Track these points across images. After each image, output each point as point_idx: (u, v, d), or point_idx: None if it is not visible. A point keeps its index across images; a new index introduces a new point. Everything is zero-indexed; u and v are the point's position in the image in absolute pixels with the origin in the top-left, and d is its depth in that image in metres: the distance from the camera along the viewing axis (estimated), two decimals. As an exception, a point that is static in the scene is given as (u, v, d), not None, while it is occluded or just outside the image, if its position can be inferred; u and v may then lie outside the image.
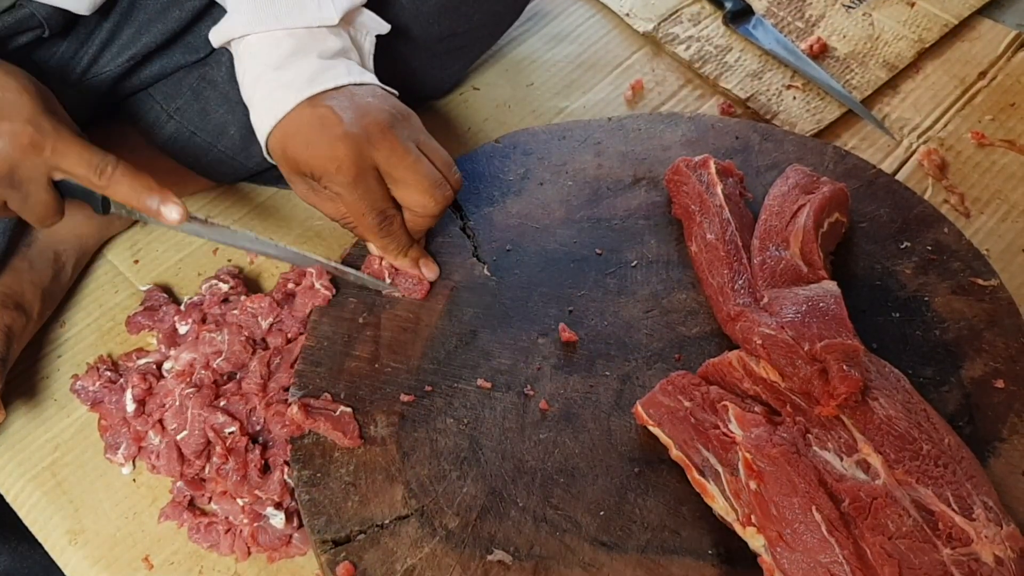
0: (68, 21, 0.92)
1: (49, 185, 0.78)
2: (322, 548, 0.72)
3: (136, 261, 1.06)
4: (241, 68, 0.87)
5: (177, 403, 0.89)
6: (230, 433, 0.87)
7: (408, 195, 0.82)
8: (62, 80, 0.95)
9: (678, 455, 0.73)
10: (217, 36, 0.88)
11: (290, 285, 0.95)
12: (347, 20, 0.87)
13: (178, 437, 0.87)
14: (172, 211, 0.78)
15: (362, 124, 0.81)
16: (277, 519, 0.84)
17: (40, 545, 0.88)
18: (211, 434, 0.86)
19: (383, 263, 0.88)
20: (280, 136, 0.83)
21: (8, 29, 0.87)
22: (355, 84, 0.84)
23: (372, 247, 0.88)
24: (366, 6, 0.89)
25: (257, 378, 0.89)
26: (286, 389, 0.88)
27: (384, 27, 0.91)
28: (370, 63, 0.91)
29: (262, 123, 0.84)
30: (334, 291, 0.87)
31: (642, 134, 0.98)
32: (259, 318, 0.94)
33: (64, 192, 0.79)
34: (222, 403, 0.90)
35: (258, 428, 0.89)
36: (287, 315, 0.95)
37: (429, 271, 0.87)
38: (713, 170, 0.88)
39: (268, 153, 0.87)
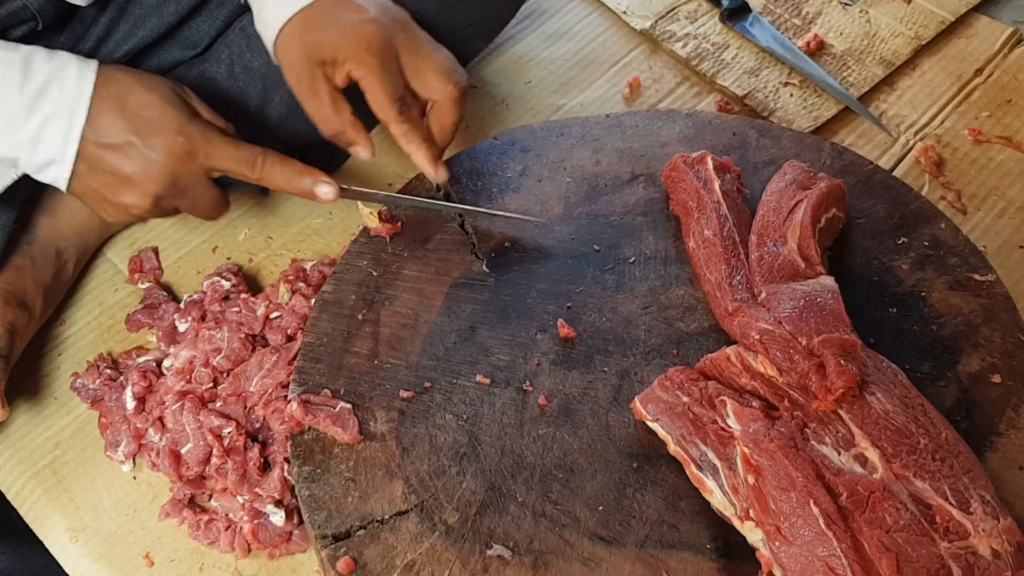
0: (62, 14, 0.92)
1: (210, 183, 0.84)
2: (322, 544, 0.72)
3: (135, 259, 1.06)
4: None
5: (172, 410, 0.89)
6: (228, 433, 0.87)
7: (428, 80, 0.85)
8: None
9: (676, 450, 0.73)
10: None
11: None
12: None
13: (182, 451, 0.88)
14: (326, 189, 0.84)
15: (387, 13, 0.84)
16: (277, 517, 0.84)
17: (40, 544, 0.89)
18: (209, 437, 0.87)
19: None
20: (300, 23, 0.84)
21: (1, 22, 0.87)
22: None
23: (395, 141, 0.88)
24: None
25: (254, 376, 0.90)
26: (285, 386, 0.89)
27: None
28: None
29: (279, 11, 0.85)
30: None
31: (639, 131, 0.99)
32: (257, 312, 0.95)
33: (227, 184, 0.87)
34: (218, 404, 0.90)
35: (257, 426, 0.89)
36: (287, 312, 0.95)
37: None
38: (710, 166, 0.88)
39: (274, 49, 0.87)
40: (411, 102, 0.86)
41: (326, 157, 1.12)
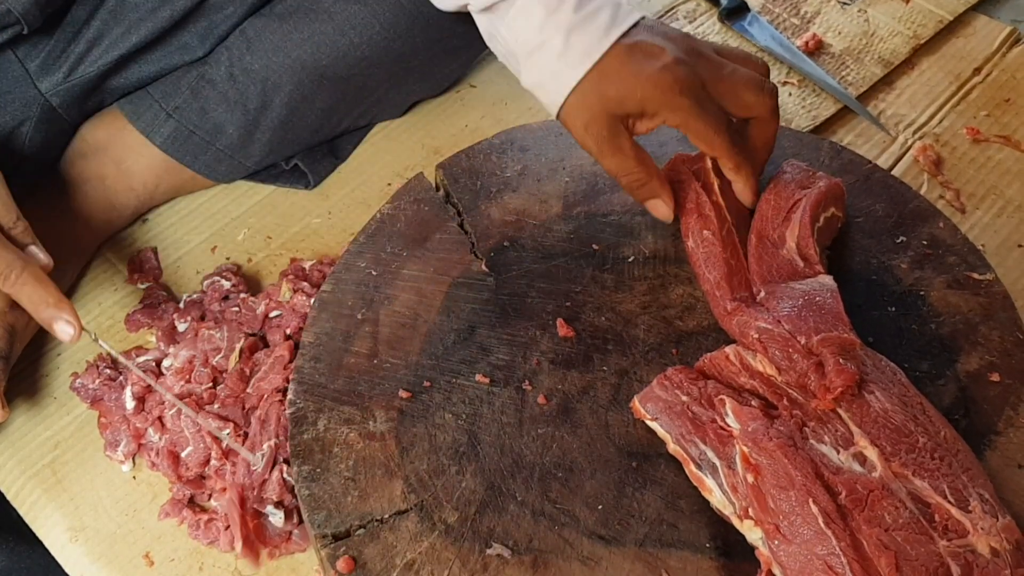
0: (48, 18, 0.92)
1: None
2: (322, 543, 0.72)
3: (135, 259, 1.06)
4: (512, 27, 0.83)
5: (170, 415, 0.89)
6: (226, 435, 0.88)
7: (742, 98, 0.81)
8: (48, 76, 0.95)
9: (675, 449, 0.73)
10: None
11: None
12: None
13: (182, 455, 0.88)
14: (66, 329, 0.80)
15: (680, 46, 0.80)
16: (277, 517, 0.84)
17: (38, 544, 0.89)
18: (208, 439, 0.87)
19: None
20: (595, 80, 0.80)
21: None
22: (641, 17, 0.83)
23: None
24: None
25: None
26: (284, 389, 0.89)
27: None
28: None
29: (568, 73, 0.81)
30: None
31: (639, 131, 0.99)
32: (257, 310, 0.95)
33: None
34: (216, 407, 0.90)
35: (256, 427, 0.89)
36: (288, 310, 0.95)
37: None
38: (710, 166, 0.89)
39: (561, 111, 0.83)
40: (734, 128, 0.83)
41: (325, 159, 1.13)
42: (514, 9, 0.82)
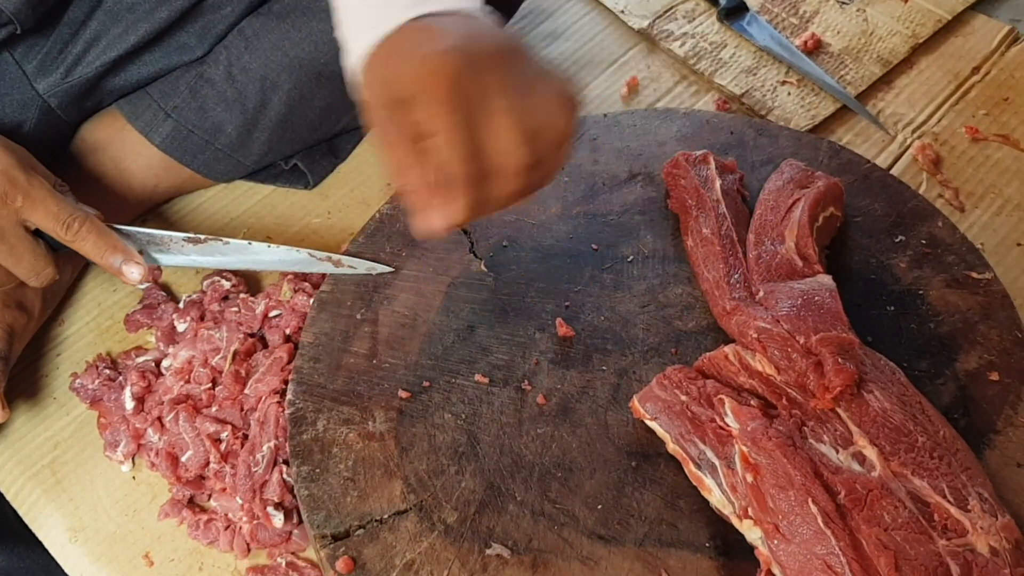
0: (41, 18, 0.92)
1: (27, 234, 0.81)
2: (321, 543, 0.72)
3: (134, 259, 1.06)
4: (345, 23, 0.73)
5: (168, 420, 0.89)
6: (224, 437, 0.88)
7: (494, 134, 0.63)
8: (46, 77, 0.95)
9: (675, 449, 0.73)
10: None
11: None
12: None
13: (182, 458, 0.88)
14: (134, 272, 0.83)
15: (472, 44, 0.64)
16: (276, 518, 0.84)
17: (37, 545, 0.89)
18: (207, 442, 0.87)
19: None
20: (380, 57, 0.67)
21: None
22: (466, 10, 0.69)
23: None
24: None
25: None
26: (283, 390, 0.89)
27: None
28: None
29: (362, 40, 0.69)
30: None
31: (638, 130, 0.99)
32: (256, 310, 0.95)
33: (54, 246, 0.83)
34: (214, 409, 0.90)
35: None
36: (288, 310, 0.95)
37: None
38: (713, 166, 0.89)
39: (359, 87, 0.70)
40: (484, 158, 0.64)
41: (324, 159, 1.13)
42: None
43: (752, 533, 0.69)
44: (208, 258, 0.88)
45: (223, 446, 0.87)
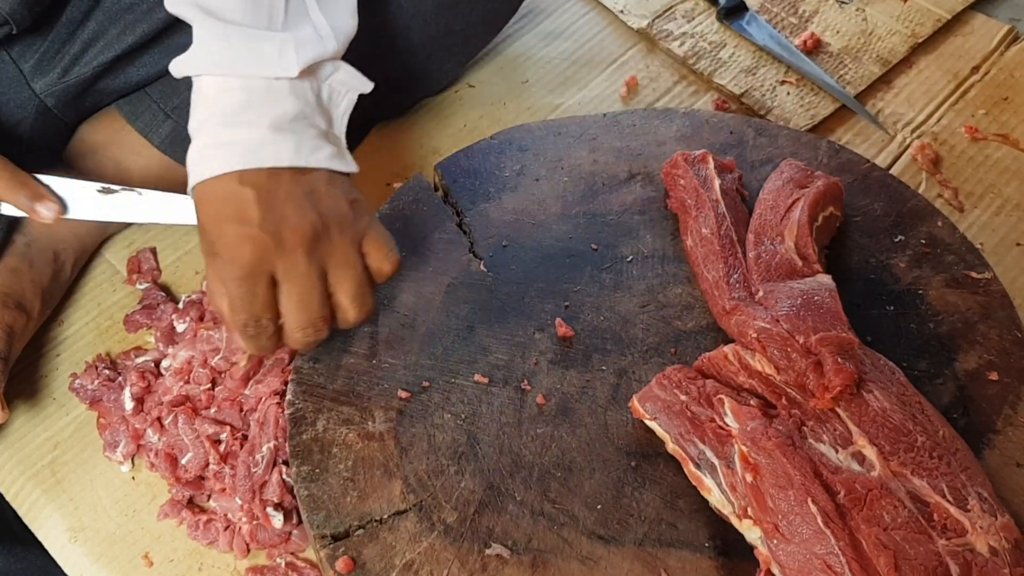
0: (39, 17, 0.92)
1: None
2: (321, 543, 0.72)
3: (133, 260, 1.06)
4: (192, 106, 0.78)
5: (167, 422, 0.89)
6: (223, 438, 0.88)
7: (287, 317, 0.74)
8: (42, 77, 0.95)
9: (674, 449, 0.73)
10: (176, 68, 0.77)
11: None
12: (316, 75, 0.77)
13: (182, 461, 0.88)
14: (46, 209, 0.78)
15: (277, 227, 0.71)
16: (276, 519, 0.84)
17: (35, 546, 0.89)
18: (206, 444, 0.87)
19: None
20: (200, 193, 0.74)
21: None
22: (299, 168, 0.74)
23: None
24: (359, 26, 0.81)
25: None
26: (282, 391, 0.89)
27: (367, 86, 0.82)
28: (340, 127, 0.82)
29: (192, 172, 0.75)
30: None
31: (637, 130, 0.99)
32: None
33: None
34: (212, 411, 0.90)
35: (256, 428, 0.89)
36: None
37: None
38: (711, 165, 0.89)
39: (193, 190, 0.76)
40: (265, 324, 0.73)
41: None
42: (198, 83, 0.77)
43: (752, 533, 0.69)
44: (120, 211, 0.81)
45: (222, 447, 0.87)
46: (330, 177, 0.76)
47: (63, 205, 0.79)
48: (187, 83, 1.00)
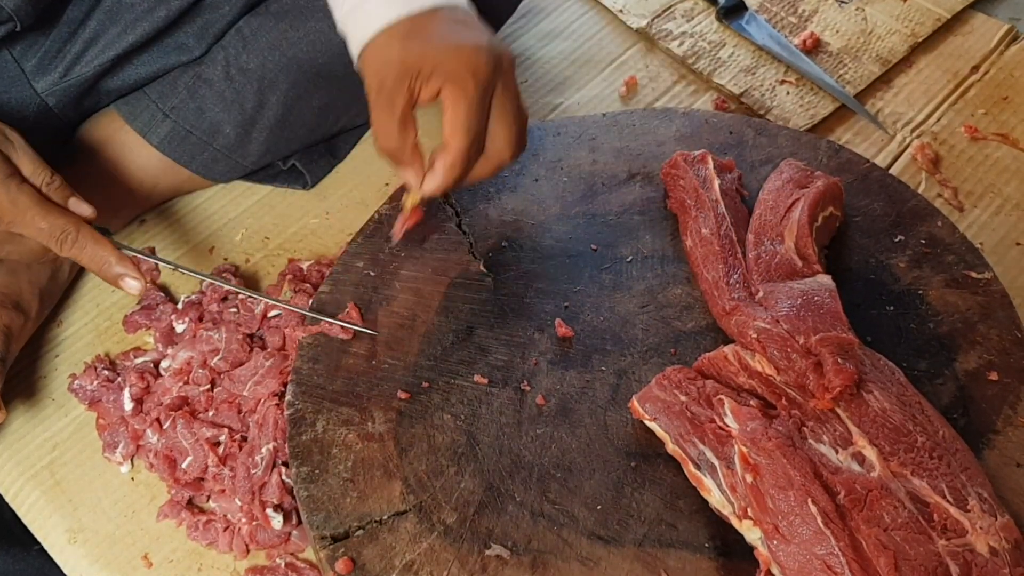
0: (41, 15, 0.92)
1: (22, 239, 0.79)
2: (321, 544, 0.72)
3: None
4: None
5: (166, 427, 0.89)
6: (222, 440, 0.88)
7: (497, 134, 0.77)
8: (44, 76, 0.95)
9: (674, 449, 0.73)
10: None
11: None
12: None
13: (182, 464, 0.88)
14: (133, 284, 0.80)
15: (500, 47, 0.76)
16: (275, 520, 0.84)
17: (34, 547, 0.89)
18: (205, 447, 0.87)
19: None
20: (406, 29, 0.75)
21: None
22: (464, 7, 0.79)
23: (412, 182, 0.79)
24: None
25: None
26: (281, 393, 0.89)
27: None
28: None
29: (385, 11, 0.76)
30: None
31: (636, 130, 0.99)
32: (255, 310, 0.95)
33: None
34: (211, 414, 0.90)
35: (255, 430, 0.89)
36: (287, 310, 0.95)
37: None
38: (711, 165, 0.89)
39: (362, 50, 0.78)
40: (481, 146, 0.77)
41: (322, 159, 1.13)
42: None
43: (752, 533, 0.69)
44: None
45: (221, 449, 0.87)
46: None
47: (144, 278, 0.82)
48: (184, 83, 1.00)
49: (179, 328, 0.97)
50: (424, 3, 0.76)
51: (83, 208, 0.80)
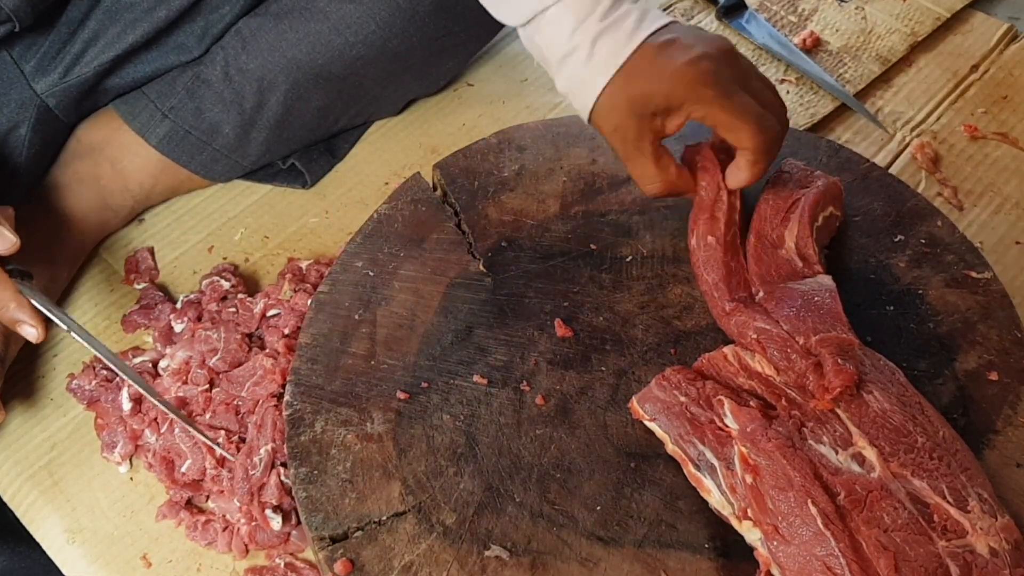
0: (41, 16, 0.92)
1: None
2: (320, 545, 0.72)
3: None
4: (544, 35, 0.82)
5: (163, 431, 0.89)
6: (220, 443, 0.88)
7: (761, 99, 0.79)
8: (44, 77, 0.95)
9: (674, 450, 0.73)
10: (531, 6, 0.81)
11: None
12: None
13: (181, 468, 0.88)
14: (30, 331, 0.82)
15: (707, 45, 0.78)
16: (274, 521, 0.84)
17: (36, 546, 0.88)
18: (203, 450, 0.87)
19: None
20: (622, 83, 0.78)
21: None
22: (672, 20, 0.81)
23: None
24: None
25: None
26: (280, 394, 0.89)
27: None
28: None
29: (597, 74, 0.79)
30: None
31: (636, 129, 0.98)
32: (255, 309, 0.95)
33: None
34: (208, 417, 0.90)
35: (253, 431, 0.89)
36: (287, 309, 0.95)
37: None
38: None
39: (592, 114, 0.82)
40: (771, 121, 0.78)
41: (322, 159, 1.13)
42: (545, 19, 0.81)
43: (751, 534, 0.69)
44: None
45: (219, 452, 0.87)
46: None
47: (42, 329, 0.82)
48: (183, 84, 1.00)
49: (178, 328, 0.97)
50: (626, 49, 0.78)
51: (6, 235, 0.80)
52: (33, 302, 0.81)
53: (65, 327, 0.83)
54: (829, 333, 0.74)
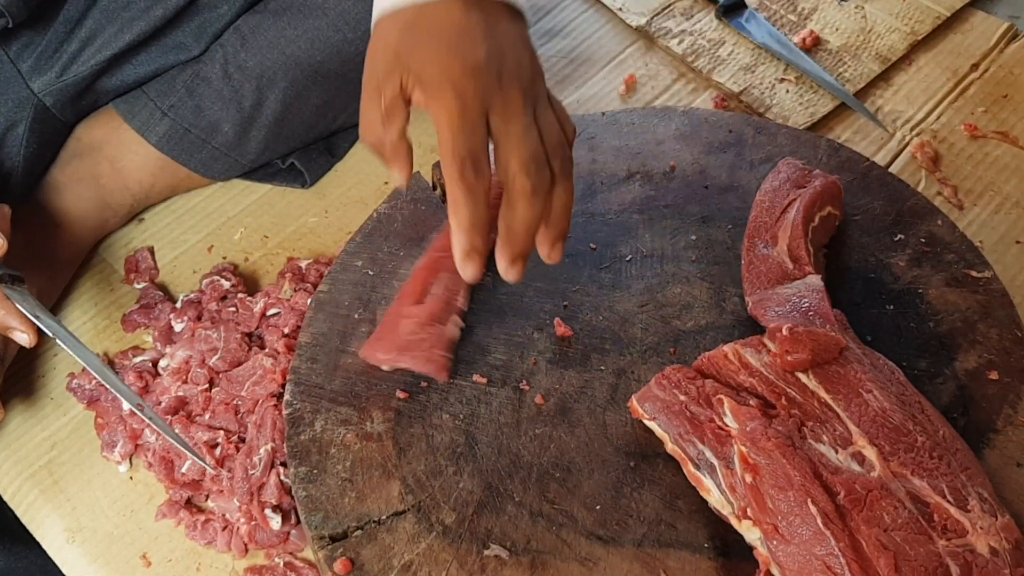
0: (35, 12, 0.91)
1: None
2: (319, 544, 0.72)
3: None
4: None
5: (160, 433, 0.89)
6: (219, 442, 0.88)
7: (510, 156, 0.68)
8: (41, 76, 0.95)
9: (673, 449, 0.73)
10: None
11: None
12: None
13: (182, 469, 0.88)
14: (21, 337, 0.82)
15: (501, 61, 0.68)
16: (274, 521, 0.84)
17: (36, 545, 0.89)
18: (203, 450, 0.87)
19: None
20: (407, 17, 0.70)
21: None
22: (513, 5, 0.73)
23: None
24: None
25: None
26: (280, 393, 0.89)
27: None
28: None
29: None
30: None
31: (636, 128, 0.98)
32: (254, 308, 0.95)
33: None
34: (207, 417, 0.90)
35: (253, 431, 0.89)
36: (287, 308, 0.95)
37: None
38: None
39: (376, 21, 0.73)
40: (484, 168, 0.67)
41: (321, 158, 1.12)
42: None
43: (751, 534, 0.69)
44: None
45: (218, 451, 0.87)
46: (512, 16, 0.72)
47: (35, 333, 0.83)
48: (183, 82, 1.00)
49: (177, 327, 0.97)
50: None
51: None
52: (19, 308, 0.82)
53: (51, 334, 0.83)
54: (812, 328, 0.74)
